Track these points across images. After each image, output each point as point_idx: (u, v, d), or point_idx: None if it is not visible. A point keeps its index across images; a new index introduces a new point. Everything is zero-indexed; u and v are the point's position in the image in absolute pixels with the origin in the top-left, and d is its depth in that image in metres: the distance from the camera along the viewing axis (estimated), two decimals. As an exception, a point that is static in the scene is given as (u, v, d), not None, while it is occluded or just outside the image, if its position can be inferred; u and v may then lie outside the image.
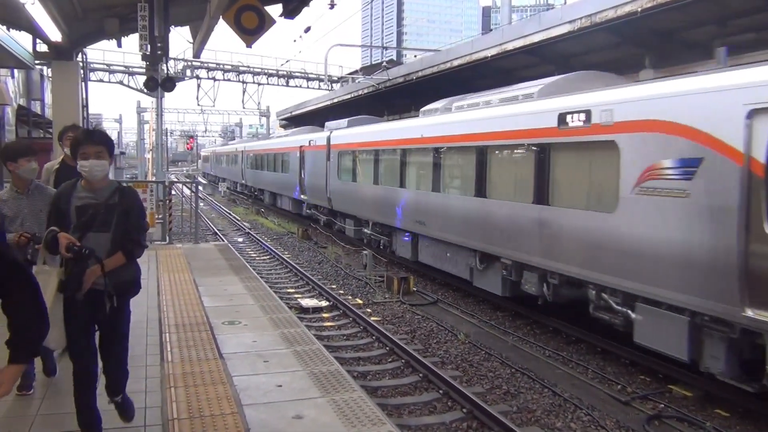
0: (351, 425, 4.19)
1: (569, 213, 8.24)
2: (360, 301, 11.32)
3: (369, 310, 10.66)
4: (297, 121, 38.08)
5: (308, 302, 10.86)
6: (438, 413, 6.47)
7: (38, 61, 14.27)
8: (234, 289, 8.48)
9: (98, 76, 33.05)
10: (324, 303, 10.91)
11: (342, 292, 11.96)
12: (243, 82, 37.30)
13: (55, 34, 11.39)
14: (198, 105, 38.30)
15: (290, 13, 9.30)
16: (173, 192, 15.52)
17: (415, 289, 12.16)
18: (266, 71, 36.28)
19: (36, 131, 20.82)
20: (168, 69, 18.50)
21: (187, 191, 21.86)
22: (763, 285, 5.67)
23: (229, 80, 36.29)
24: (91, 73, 31.03)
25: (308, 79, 37.32)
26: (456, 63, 17.26)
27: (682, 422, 6.33)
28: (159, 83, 12.54)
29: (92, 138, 3.69)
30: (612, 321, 7.71)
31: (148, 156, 42.82)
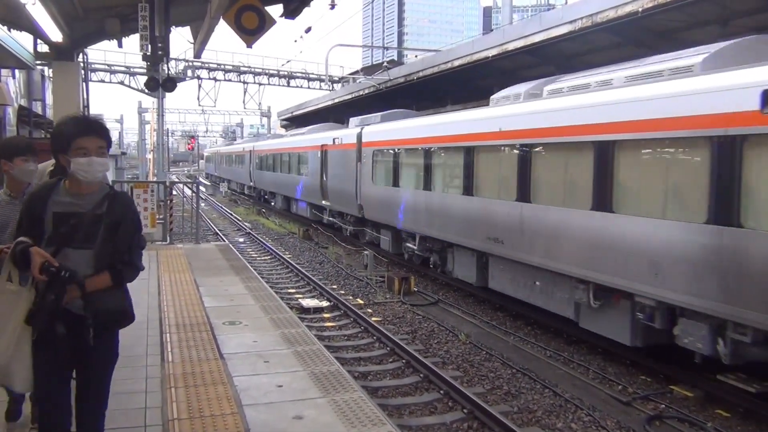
0: (351, 425, 4.19)
1: None
2: (361, 302, 11.32)
3: (370, 311, 10.66)
4: (298, 122, 38.09)
5: (309, 302, 10.86)
6: (439, 413, 6.47)
7: (39, 62, 14.29)
8: (235, 290, 8.48)
9: (99, 77, 33.16)
10: (325, 303, 10.91)
11: (343, 293, 11.96)
12: (244, 83, 37.37)
13: (56, 35, 11.43)
14: (199, 105, 38.37)
15: (291, 14, 9.33)
16: (174, 192, 15.55)
17: (416, 290, 12.16)
18: (267, 71, 36.34)
19: (37, 132, 20.82)
20: (169, 69, 18.51)
21: (188, 191, 21.90)
22: None
23: (230, 80, 36.37)
24: (93, 74, 31.09)
25: (309, 80, 37.37)
26: (457, 63, 17.25)
27: (683, 423, 6.32)
28: (160, 83, 12.58)
29: (93, 130, 2.93)
30: None
31: (150, 156, 42.85)
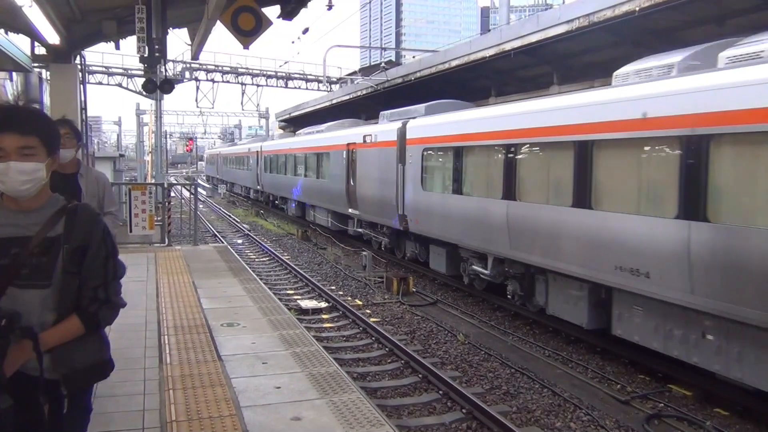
0: (350, 426, 4.19)
1: None
2: (359, 302, 11.32)
3: (368, 311, 10.66)
4: (296, 123, 38.07)
5: (307, 303, 10.87)
6: (437, 414, 6.48)
7: (36, 64, 14.25)
8: (233, 291, 8.47)
9: (97, 79, 33.18)
10: (323, 304, 10.91)
11: (341, 293, 11.96)
12: (242, 84, 37.44)
13: (53, 37, 11.41)
14: (197, 107, 38.45)
15: (288, 15, 9.32)
16: (172, 194, 15.53)
17: (415, 290, 12.16)
18: (265, 73, 36.42)
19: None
20: (166, 71, 18.50)
21: (187, 193, 21.87)
22: None
23: (228, 82, 36.47)
24: (90, 76, 31.06)
25: (307, 81, 37.44)
26: (454, 63, 17.23)
27: (682, 421, 6.33)
28: (157, 85, 12.52)
29: (9, 124, 2.04)
30: None
31: (148, 158, 42.84)
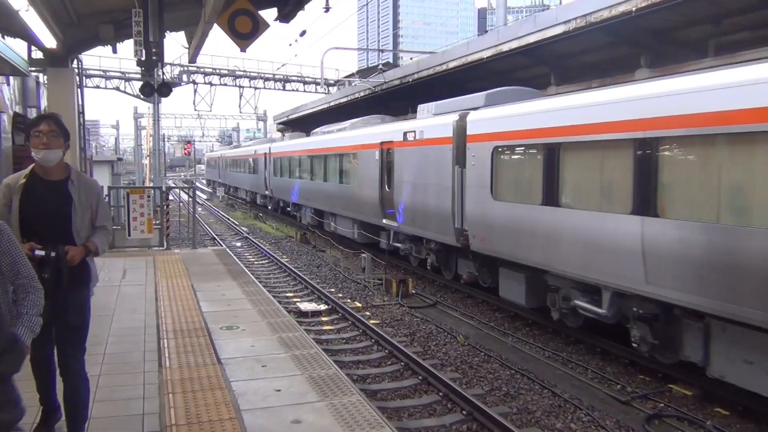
0: (350, 429, 4.18)
1: None
2: (359, 304, 11.31)
3: (368, 313, 10.64)
4: (294, 125, 38.08)
5: (307, 306, 10.85)
6: (438, 416, 6.47)
7: (33, 68, 14.25)
8: (232, 294, 8.46)
9: (95, 82, 33.20)
10: (323, 307, 10.90)
11: (341, 296, 11.95)
12: (240, 87, 37.45)
13: (50, 41, 11.42)
14: (195, 110, 38.46)
15: (285, 17, 9.34)
16: (171, 197, 15.51)
17: (414, 292, 12.15)
18: (263, 75, 36.46)
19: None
20: (164, 74, 18.48)
21: (185, 196, 21.86)
22: None
23: (226, 85, 36.49)
24: (88, 79, 31.04)
25: (305, 83, 37.47)
26: (452, 65, 17.25)
27: (682, 421, 6.33)
28: (155, 89, 12.54)
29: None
30: None
31: (146, 162, 42.80)
